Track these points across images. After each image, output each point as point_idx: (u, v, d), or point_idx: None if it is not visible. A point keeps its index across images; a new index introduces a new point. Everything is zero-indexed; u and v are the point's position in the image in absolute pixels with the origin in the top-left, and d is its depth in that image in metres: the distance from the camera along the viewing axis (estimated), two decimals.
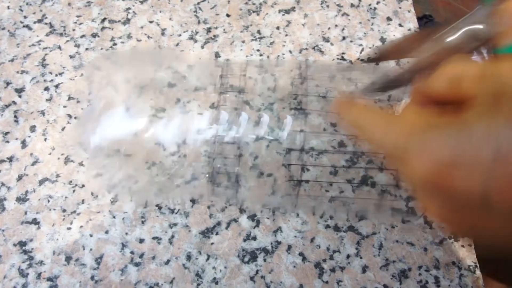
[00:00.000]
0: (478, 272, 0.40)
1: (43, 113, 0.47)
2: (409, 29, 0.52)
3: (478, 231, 0.21)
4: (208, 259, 0.40)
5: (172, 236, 0.41)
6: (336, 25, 0.52)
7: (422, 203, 0.22)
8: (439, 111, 0.21)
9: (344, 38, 0.52)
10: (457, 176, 0.19)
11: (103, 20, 0.53)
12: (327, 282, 0.40)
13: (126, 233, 0.41)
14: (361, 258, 0.41)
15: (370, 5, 0.54)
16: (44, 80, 0.49)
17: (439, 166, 0.19)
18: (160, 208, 0.42)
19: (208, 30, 0.52)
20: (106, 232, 0.41)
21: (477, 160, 0.18)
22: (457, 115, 0.20)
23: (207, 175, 0.42)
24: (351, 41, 0.51)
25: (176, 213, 0.42)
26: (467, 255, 0.41)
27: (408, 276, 0.40)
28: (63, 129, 0.46)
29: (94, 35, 0.52)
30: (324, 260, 0.41)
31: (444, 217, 0.21)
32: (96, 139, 0.42)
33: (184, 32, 0.52)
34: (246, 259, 0.41)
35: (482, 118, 0.18)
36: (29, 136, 0.45)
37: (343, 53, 0.50)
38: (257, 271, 0.40)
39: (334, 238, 0.41)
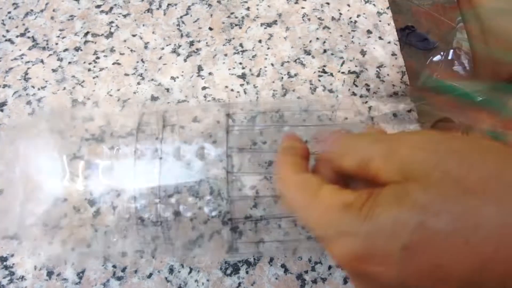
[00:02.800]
0: None
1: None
2: (389, 42, 0.53)
3: None
4: (190, 272, 0.41)
5: (155, 249, 0.41)
6: (317, 38, 0.53)
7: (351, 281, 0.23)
8: (352, 188, 0.22)
9: (325, 51, 0.52)
10: (371, 266, 0.19)
11: (86, 33, 0.53)
12: None
13: (108, 247, 0.41)
14: (342, 269, 0.41)
15: (350, 18, 0.55)
16: (27, 94, 0.49)
17: (353, 257, 0.20)
18: (142, 220, 0.42)
19: (191, 43, 0.53)
20: (88, 246, 0.41)
21: (387, 252, 0.19)
22: (369, 195, 0.20)
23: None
24: (332, 54, 0.52)
25: (159, 226, 0.42)
26: None
27: None
28: (46, 142, 0.46)
29: (77, 49, 0.52)
30: (306, 272, 0.41)
31: None
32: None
33: (167, 45, 0.52)
34: (228, 271, 0.41)
35: (389, 210, 0.19)
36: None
37: (324, 66, 0.51)
38: (239, 284, 0.40)
39: (315, 250, 0.42)
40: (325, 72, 0.51)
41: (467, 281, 0.17)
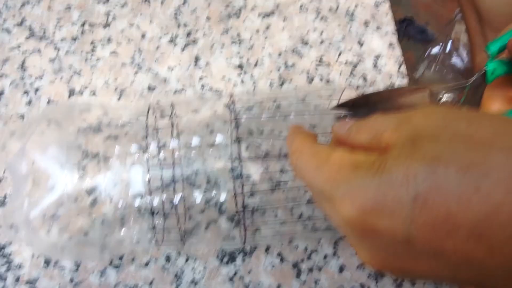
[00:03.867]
0: None
1: (22, 116, 0.47)
2: (386, 33, 0.53)
3: (406, 273, 0.22)
4: (187, 260, 0.41)
5: (152, 238, 0.41)
6: (314, 29, 0.53)
7: (352, 246, 0.23)
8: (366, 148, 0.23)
9: (322, 41, 0.52)
10: (381, 220, 0.19)
11: (83, 23, 0.53)
12: (304, 282, 0.40)
13: (106, 235, 0.41)
14: (338, 258, 0.41)
15: (348, 8, 0.55)
16: (24, 84, 0.49)
17: (363, 211, 0.20)
18: (139, 210, 0.42)
19: (188, 33, 0.52)
20: (86, 234, 0.42)
21: (397, 203, 0.19)
22: (379, 154, 0.21)
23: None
24: (329, 44, 0.52)
25: (156, 215, 0.42)
26: None
27: (384, 275, 0.41)
28: (42, 132, 0.46)
29: (74, 39, 0.52)
30: (302, 260, 0.41)
31: (372, 261, 0.22)
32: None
33: (164, 35, 0.52)
34: (225, 260, 0.41)
35: (400, 162, 0.19)
36: (9, 140, 0.45)
37: (321, 56, 0.51)
38: (236, 272, 0.41)
39: (312, 239, 0.42)
40: (323, 63, 0.51)
41: (475, 232, 0.18)
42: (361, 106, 0.36)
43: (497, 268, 0.18)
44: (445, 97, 0.34)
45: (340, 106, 0.36)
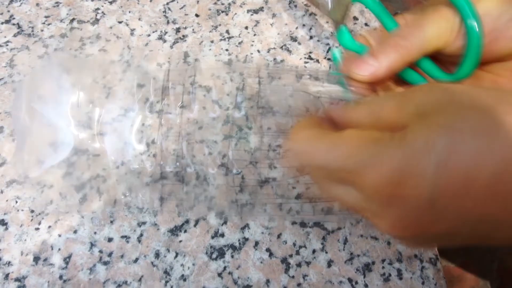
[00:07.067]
0: (439, 264, 0.41)
1: (11, 114, 0.47)
2: (375, 28, 0.53)
3: (428, 237, 0.23)
4: (176, 256, 0.41)
5: (141, 235, 0.42)
6: (303, 25, 0.53)
7: (372, 219, 0.24)
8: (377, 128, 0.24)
9: (311, 37, 0.52)
10: (406, 186, 0.21)
11: (72, 20, 0.53)
12: (293, 277, 0.41)
13: (95, 232, 0.42)
14: (326, 253, 0.42)
15: None
16: (12, 81, 0.49)
17: (391, 179, 0.21)
18: (129, 207, 0.43)
19: (177, 30, 0.52)
20: (75, 231, 0.42)
21: (421, 170, 0.20)
22: (394, 132, 0.22)
23: (176, 174, 0.43)
24: (318, 41, 0.52)
25: (145, 212, 0.43)
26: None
27: (371, 269, 0.41)
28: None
29: (62, 36, 0.52)
30: (291, 256, 0.41)
31: (394, 228, 0.23)
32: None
33: (153, 32, 0.52)
34: (214, 256, 0.41)
35: (419, 134, 0.20)
36: None
37: (310, 53, 0.51)
38: (224, 267, 0.41)
39: (300, 234, 0.42)
40: (311, 59, 0.51)
41: (493, 189, 0.19)
42: None
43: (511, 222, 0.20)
44: None
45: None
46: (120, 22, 0.53)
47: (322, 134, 0.25)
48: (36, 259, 0.40)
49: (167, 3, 0.54)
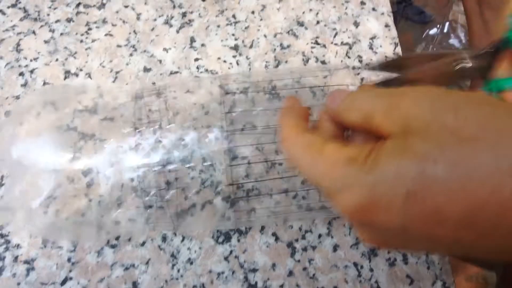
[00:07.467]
0: None
1: (18, 98, 0.47)
2: (382, 13, 0.53)
3: (405, 250, 0.23)
4: (183, 240, 0.41)
5: (148, 218, 0.42)
6: (310, 10, 0.53)
7: (354, 230, 0.25)
8: (353, 141, 0.25)
9: (318, 22, 0.52)
10: (376, 214, 0.21)
11: (78, 5, 0.52)
12: (299, 261, 0.41)
13: (102, 216, 0.42)
14: (332, 237, 0.42)
15: None
16: (19, 66, 0.49)
17: (360, 207, 0.21)
18: (136, 190, 0.43)
19: (183, 14, 0.52)
20: (82, 215, 0.42)
21: (391, 199, 0.20)
22: (371, 149, 0.22)
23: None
24: (325, 26, 0.52)
25: (152, 196, 0.43)
26: None
27: (377, 254, 0.41)
28: (38, 114, 0.46)
29: (69, 20, 0.52)
30: (297, 240, 0.42)
31: (371, 241, 0.24)
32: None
33: (160, 16, 0.52)
34: (220, 239, 0.42)
35: (392, 160, 0.20)
36: (4, 121, 0.46)
37: (317, 37, 0.51)
38: (231, 251, 0.41)
39: (306, 219, 0.42)
40: (318, 44, 0.51)
41: (463, 223, 0.19)
42: (391, 67, 0.38)
43: (489, 247, 0.19)
44: (470, 63, 0.35)
45: (372, 67, 0.39)
46: (126, 7, 0.53)
47: (307, 145, 0.25)
48: (45, 241, 0.41)
49: None
